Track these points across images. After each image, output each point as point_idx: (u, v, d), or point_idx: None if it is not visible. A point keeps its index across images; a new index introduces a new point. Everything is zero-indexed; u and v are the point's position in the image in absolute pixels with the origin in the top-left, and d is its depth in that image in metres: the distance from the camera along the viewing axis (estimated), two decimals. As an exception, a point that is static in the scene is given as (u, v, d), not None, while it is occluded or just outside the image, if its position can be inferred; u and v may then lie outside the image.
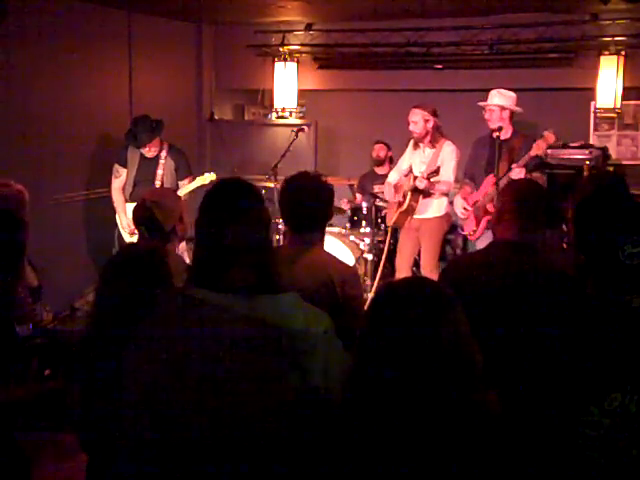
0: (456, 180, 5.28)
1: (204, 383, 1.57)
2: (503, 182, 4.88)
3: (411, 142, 5.45)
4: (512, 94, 5.09)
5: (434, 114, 5.23)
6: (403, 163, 5.51)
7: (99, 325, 2.13)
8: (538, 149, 4.74)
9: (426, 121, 5.19)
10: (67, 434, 2.38)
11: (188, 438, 1.58)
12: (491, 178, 4.83)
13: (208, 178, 5.24)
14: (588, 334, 1.59)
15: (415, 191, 5.23)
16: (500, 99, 5.05)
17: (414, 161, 5.40)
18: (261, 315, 1.58)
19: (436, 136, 5.25)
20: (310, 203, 2.57)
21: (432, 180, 5.10)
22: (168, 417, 1.60)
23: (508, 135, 5.04)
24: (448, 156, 5.21)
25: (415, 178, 5.22)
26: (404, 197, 5.31)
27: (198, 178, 5.25)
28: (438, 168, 5.08)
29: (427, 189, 5.17)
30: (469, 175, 5.18)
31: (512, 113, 5.07)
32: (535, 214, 2.59)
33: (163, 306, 1.72)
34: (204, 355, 1.57)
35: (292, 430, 1.58)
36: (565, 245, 3.41)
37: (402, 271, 5.32)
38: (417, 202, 5.26)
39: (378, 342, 1.40)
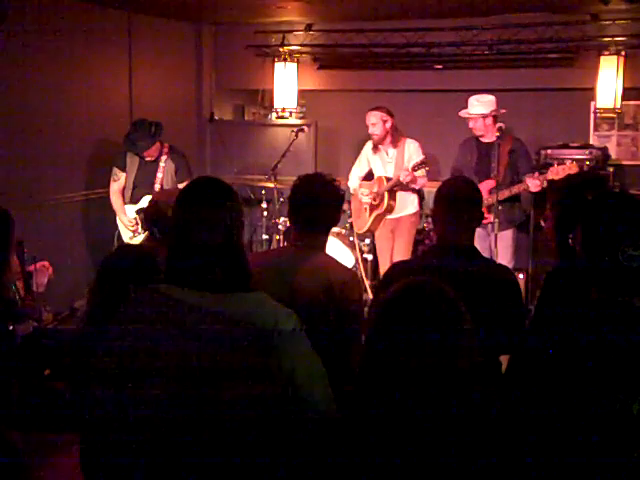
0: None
1: (171, 380, 1.59)
2: (505, 193, 4.87)
3: (368, 146, 5.51)
4: (491, 97, 5.13)
5: (390, 114, 5.31)
6: (360, 168, 5.57)
7: (93, 325, 2.13)
8: (556, 174, 4.69)
9: (384, 122, 5.29)
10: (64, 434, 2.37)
11: (158, 439, 1.60)
12: (490, 182, 4.83)
13: None
14: (590, 335, 1.59)
15: (392, 190, 5.27)
16: (480, 108, 5.07)
17: (375, 164, 5.47)
18: (230, 312, 1.61)
19: (396, 136, 5.34)
20: (321, 205, 2.58)
21: (416, 174, 5.12)
22: (136, 417, 1.61)
23: (493, 138, 5.03)
24: (415, 153, 5.28)
25: (387, 179, 5.28)
26: (380, 200, 5.33)
27: None
28: (425, 159, 5.09)
29: (410, 183, 5.19)
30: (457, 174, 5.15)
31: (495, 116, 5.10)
32: (471, 214, 2.61)
33: (134, 303, 1.74)
34: (172, 352, 1.59)
35: (265, 426, 1.60)
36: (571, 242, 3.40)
37: None
38: (395, 200, 5.32)
39: (391, 343, 1.40)
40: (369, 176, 5.60)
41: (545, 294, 2.39)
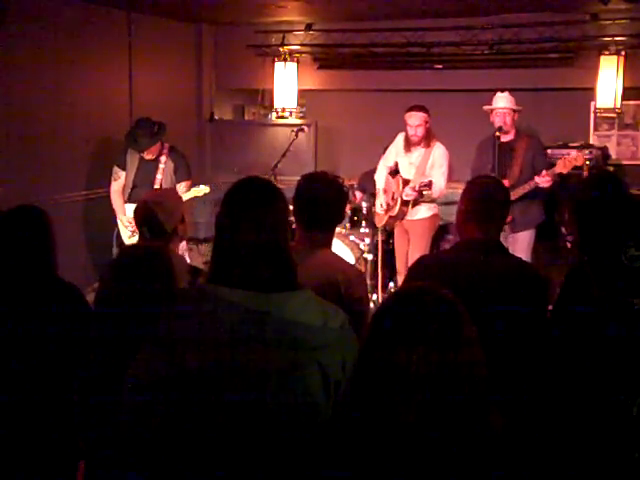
0: (448, 180, 5.21)
1: (221, 380, 1.58)
2: (519, 192, 4.82)
3: (399, 141, 5.35)
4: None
5: (429, 115, 5.17)
6: (390, 158, 5.39)
7: (99, 326, 2.13)
8: (564, 167, 4.64)
9: (426, 123, 5.14)
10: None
11: (203, 436, 1.59)
12: (505, 182, 4.79)
13: (202, 191, 5.22)
14: (591, 335, 1.58)
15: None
16: (508, 102, 5.01)
17: (402, 160, 5.29)
18: (277, 312, 1.60)
19: (430, 137, 5.19)
20: (325, 203, 2.58)
21: (424, 193, 5.02)
22: (182, 415, 1.61)
23: (512, 137, 5.00)
24: (439, 160, 5.14)
25: (405, 183, 5.12)
26: (394, 201, 5.27)
27: (193, 189, 5.21)
28: (430, 182, 4.96)
29: (416, 199, 5.11)
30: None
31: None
32: (501, 213, 2.60)
33: (181, 303, 1.73)
34: (220, 352, 1.58)
35: (317, 428, 1.56)
36: (569, 245, 3.40)
37: (402, 272, 5.31)
38: (408, 206, 5.18)
39: (385, 352, 1.35)
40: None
41: (562, 293, 2.35)
